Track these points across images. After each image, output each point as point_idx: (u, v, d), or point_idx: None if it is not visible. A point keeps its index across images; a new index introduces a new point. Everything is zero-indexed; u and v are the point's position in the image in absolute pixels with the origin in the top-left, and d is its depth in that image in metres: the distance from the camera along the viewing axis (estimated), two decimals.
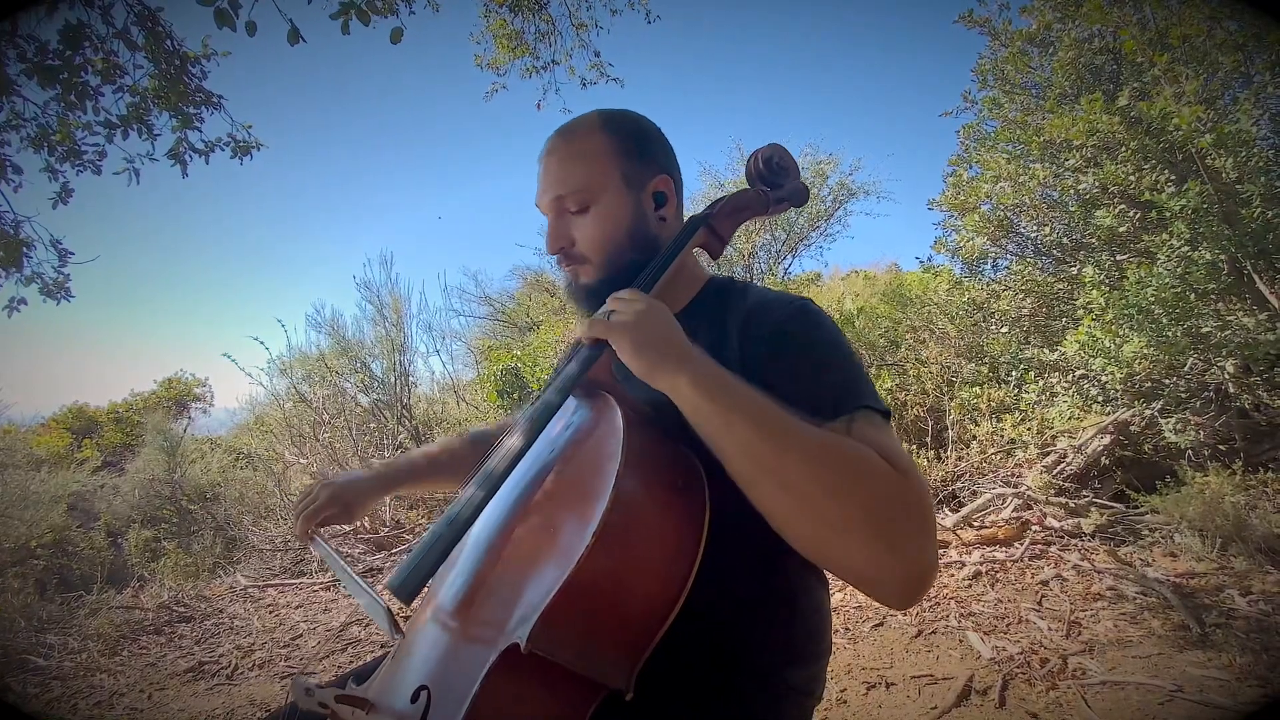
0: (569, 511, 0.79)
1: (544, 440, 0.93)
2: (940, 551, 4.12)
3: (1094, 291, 4.66)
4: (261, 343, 7.61)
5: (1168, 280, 4.16)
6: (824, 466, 0.74)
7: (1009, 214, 5.72)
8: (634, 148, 1.10)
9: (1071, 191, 5.14)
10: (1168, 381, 4.59)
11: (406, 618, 0.99)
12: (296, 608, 4.63)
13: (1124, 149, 4.69)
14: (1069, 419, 4.92)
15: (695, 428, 0.80)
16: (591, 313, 1.09)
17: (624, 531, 0.71)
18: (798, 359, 0.93)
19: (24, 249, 4.13)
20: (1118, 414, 4.67)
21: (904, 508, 0.74)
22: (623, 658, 0.73)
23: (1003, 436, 5.16)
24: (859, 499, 0.73)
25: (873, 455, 0.77)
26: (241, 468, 9.12)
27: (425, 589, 0.86)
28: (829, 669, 1.08)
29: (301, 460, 7.30)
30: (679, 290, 1.13)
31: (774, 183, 1.20)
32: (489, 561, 0.86)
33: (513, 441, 0.89)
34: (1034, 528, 4.17)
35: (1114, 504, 4.33)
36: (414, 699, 0.75)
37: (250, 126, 4.48)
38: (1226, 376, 4.35)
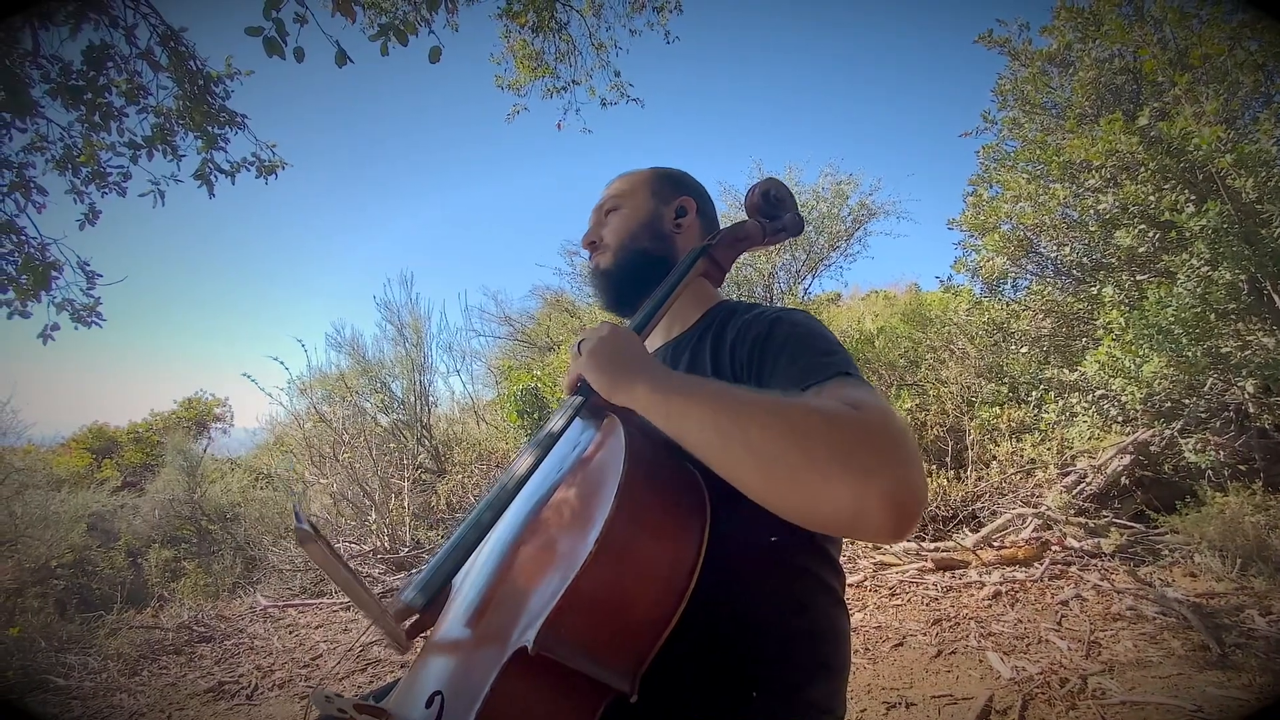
0: (575, 522, 0.84)
1: (552, 460, 1.01)
2: (959, 571, 4.14)
3: (1114, 311, 4.68)
4: (281, 363, 7.65)
5: (1188, 300, 4.18)
6: (780, 419, 0.76)
7: (1029, 234, 5.74)
8: (668, 176, 1.35)
9: (1091, 211, 5.15)
10: (1187, 401, 4.59)
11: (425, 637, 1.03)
12: (316, 628, 4.67)
13: (1144, 169, 4.71)
14: (1089, 439, 4.92)
15: (663, 429, 0.84)
16: (605, 300, 1.32)
17: (625, 539, 0.76)
18: (779, 351, 0.99)
19: (52, 272, 4.09)
20: (1137, 434, 4.67)
21: (868, 436, 0.74)
22: (626, 661, 0.76)
23: (1022, 456, 5.16)
24: (820, 439, 0.73)
25: (829, 402, 0.80)
26: (261, 488, 9.10)
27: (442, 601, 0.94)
28: (849, 689, 1.10)
29: (322, 480, 7.30)
30: (687, 311, 1.26)
31: (771, 214, 1.33)
32: (500, 573, 0.91)
33: (522, 463, 0.97)
34: (1054, 548, 4.17)
35: (1134, 524, 4.34)
36: (428, 704, 0.78)
37: (274, 145, 4.45)
38: (1246, 396, 4.34)
